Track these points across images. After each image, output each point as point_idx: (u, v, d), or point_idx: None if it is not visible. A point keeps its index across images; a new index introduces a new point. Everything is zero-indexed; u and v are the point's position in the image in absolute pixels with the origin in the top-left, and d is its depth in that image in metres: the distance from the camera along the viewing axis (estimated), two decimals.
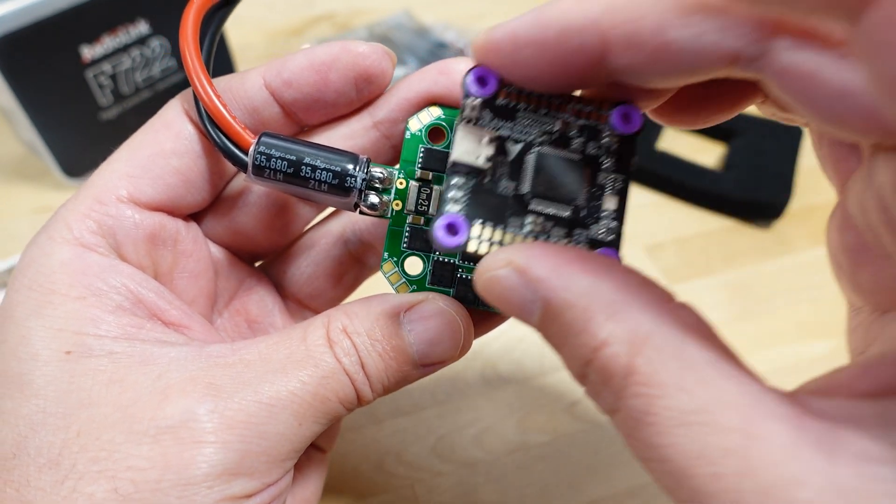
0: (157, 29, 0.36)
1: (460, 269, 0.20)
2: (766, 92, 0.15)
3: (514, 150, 0.17)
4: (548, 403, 0.32)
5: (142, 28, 0.36)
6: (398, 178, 0.20)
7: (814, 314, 0.36)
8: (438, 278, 0.20)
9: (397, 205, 0.20)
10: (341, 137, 0.21)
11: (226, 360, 0.18)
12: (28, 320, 0.18)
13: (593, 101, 0.18)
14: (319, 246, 0.24)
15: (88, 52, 0.34)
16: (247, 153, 0.19)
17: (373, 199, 0.19)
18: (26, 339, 0.17)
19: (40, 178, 0.40)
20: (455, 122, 0.18)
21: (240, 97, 0.20)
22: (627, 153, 0.18)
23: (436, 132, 0.20)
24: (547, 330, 0.15)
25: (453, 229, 0.17)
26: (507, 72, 0.17)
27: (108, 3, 0.34)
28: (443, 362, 0.19)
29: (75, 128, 0.37)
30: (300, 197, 0.20)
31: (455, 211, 0.17)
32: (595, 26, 0.15)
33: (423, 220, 0.20)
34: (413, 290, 0.19)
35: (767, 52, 0.14)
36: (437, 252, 0.20)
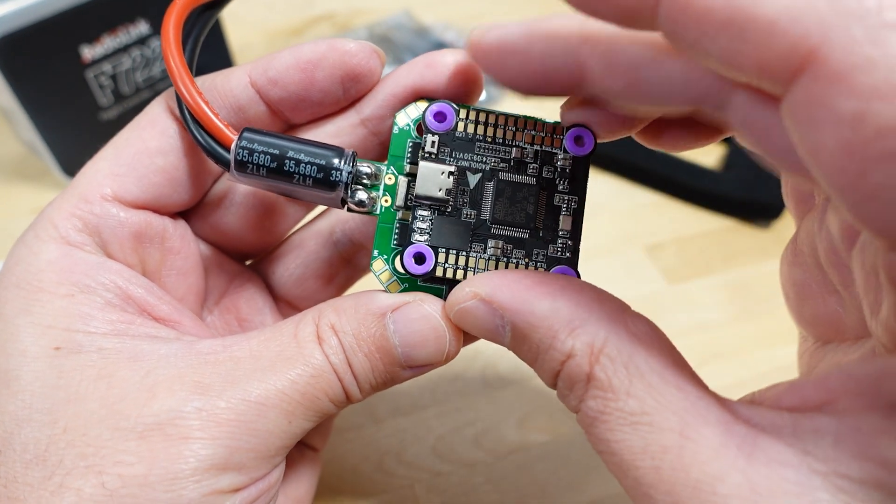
0: (157, 29, 0.36)
1: None
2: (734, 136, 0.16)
3: (474, 180, 0.19)
4: (548, 403, 0.32)
5: (142, 28, 0.36)
6: (386, 173, 0.19)
7: None
8: (430, 275, 0.19)
9: (386, 201, 0.19)
10: (328, 135, 0.21)
11: (216, 357, 0.18)
12: (17, 317, 0.18)
13: (546, 126, 0.19)
14: (308, 247, 0.24)
15: (88, 52, 0.34)
16: (229, 151, 0.19)
17: (361, 195, 0.19)
18: (14, 335, 0.17)
19: (40, 178, 0.40)
20: (417, 157, 0.19)
21: (225, 95, 0.20)
22: (581, 174, 0.19)
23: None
24: (518, 349, 0.17)
25: (421, 258, 0.18)
26: (492, 72, 0.17)
27: (108, 3, 0.34)
28: (430, 365, 0.19)
29: (75, 128, 0.37)
30: (286, 195, 0.20)
31: (422, 241, 0.19)
32: (574, 55, 0.16)
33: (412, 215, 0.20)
34: (404, 287, 0.19)
35: (729, 102, 0.15)
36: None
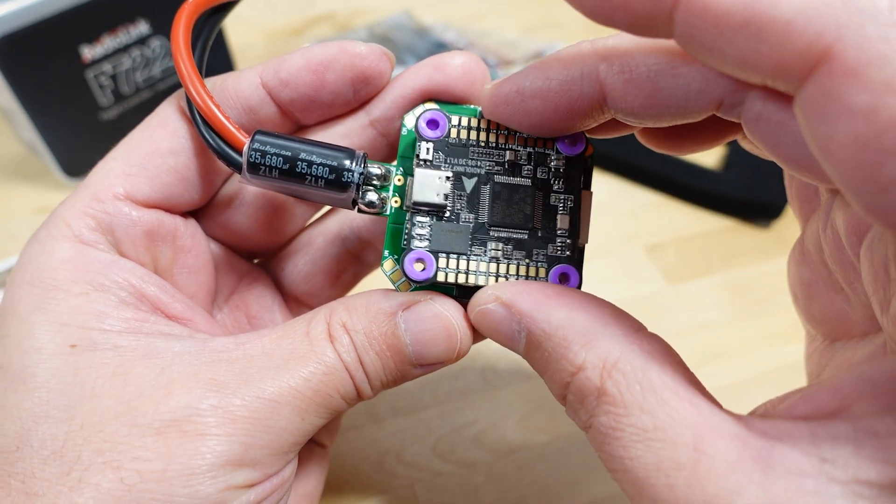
0: (158, 29, 0.36)
1: None
2: (746, 136, 0.17)
3: (470, 184, 0.19)
4: (548, 403, 0.32)
5: (142, 28, 0.36)
6: (396, 174, 0.20)
7: None
8: (432, 280, 0.19)
9: (396, 201, 0.20)
10: (337, 136, 0.21)
11: (229, 354, 0.18)
12: (32, 315, 0.18)
13: None
14: (317, 244, 0.24)
15: (88, 52, 0.34)
16: (240, 154, 0.19)
17: (371, 196, 0.19)
18: (30, 333, 0.18)
19: (40, 178, 0.40)
20: (412, 165, 0.19)
21: (236, 96, 0.20)
22: (575, 173, 0.19)
23: None
24: (531, 357, 0.17)
25: (421, 264, 0.19)
26: (514, 122, 0.18)
27: (108, 3, 0.34)
28: (441, 363, 0.19)
29: (75, 128, 0.37)
30: (295, 196, 0.20)
31: (421, 247, 0.19)
32: (593, 75, 0.17)
33: None
34: (415, 287, 0.19)
35: (745, 101, 0.15)
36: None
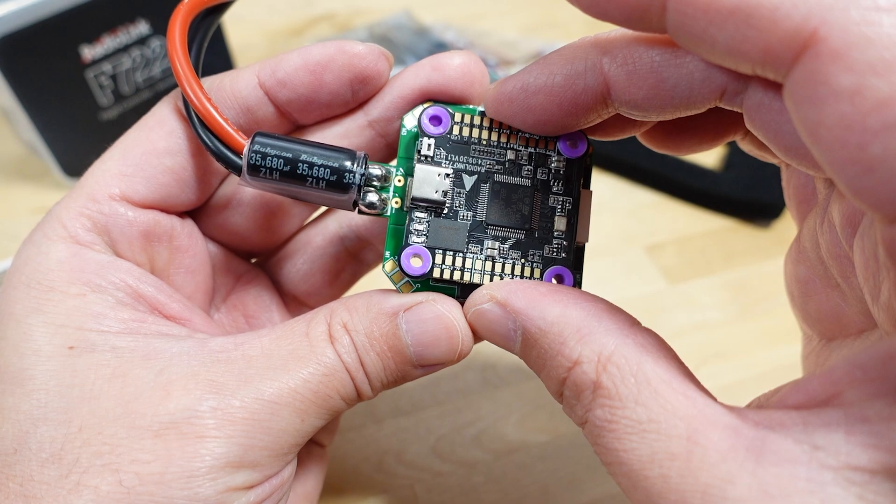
0: (158, 29, 0.36)
1: None
2: (746, 126, 0.17)
3: (470, 182, 0.19)
4: (548, 403, 0.32)
5: (142, 28, 0.36)
6: (396, 175, 0.20)
7: None
8: (428, 276, 0.19)
9: (396, 202, 0.20)
10: (336, 137, 0.21)
11: (228, 355, 0.18)
12: (29, 317, 0.18)
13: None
14: (315, 243, 0.24)
15: (88, 52, 0.34)
16: (239, 156, 0.19)
17: (371, 197, 0.19)
18: (27, 335, 0.17)
19: (40, 178, 0.40)
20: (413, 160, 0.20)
21: (233, 96, 0.20)
22: (575, 176, 0.19)
23: None
24: (528, 356, 0.17)
25: (418, 259, 0.19)
26: (518, 120, 0.18)
27: (108, 3, 0.34)
28: (442, 364, 0.19)
29: (75, 128, 0.37)
30: (295, 197, 0.20)
31: (419, 243, 0.19)
32: (596, 69, 0.17)
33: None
34: (416, 288, 0.19)
35: (747, 89, 0.16)
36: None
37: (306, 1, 0.53)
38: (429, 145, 0.19)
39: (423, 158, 0.19)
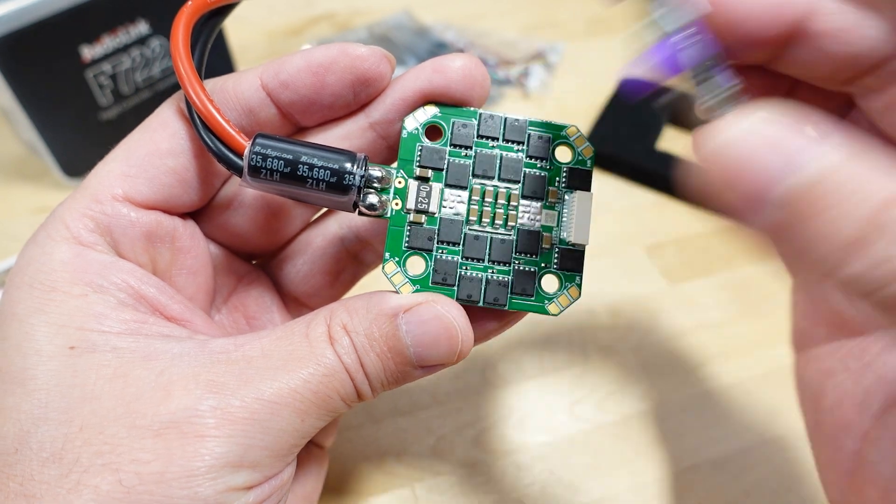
0: (157, 29, 0.36)
1: (463, 267, 0.20)
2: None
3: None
4: (548, 403, 0.32)
5: (142, 28, 0.36)
6: (396, 176, 0.20)
7: None
8: (441, 277, 0.19)
9: (397, 204, 0.20)
10: (337, 139, 0.21)
11: (228, 356, 0.18)
12: (30, 317, 0.18)
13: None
14: (316, 244, 0.24)
15: (88, 52, 0.34)
16: (241, 157, 0.19)
17: (372, 198, 0.19)
18: (29, 335, 0.18)
19: (40, 178, 0.40)
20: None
21: (236, 98, 0.20)
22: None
23: (432, 130, 0.20)
24: (797, 205, 0.13)
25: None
26: (727, 13, 0.18)
27: (108, 3, 0.34)
28: (442, 364, 0.19)
29: (75, 128, 0.37)
30: (295, 199, 0.20)
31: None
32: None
33: (424, 218, 0.20)
34: (416, 289, 0.19)
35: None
36: (440, 249, 0.20)
37: (306, 1, 0.53)
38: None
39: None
